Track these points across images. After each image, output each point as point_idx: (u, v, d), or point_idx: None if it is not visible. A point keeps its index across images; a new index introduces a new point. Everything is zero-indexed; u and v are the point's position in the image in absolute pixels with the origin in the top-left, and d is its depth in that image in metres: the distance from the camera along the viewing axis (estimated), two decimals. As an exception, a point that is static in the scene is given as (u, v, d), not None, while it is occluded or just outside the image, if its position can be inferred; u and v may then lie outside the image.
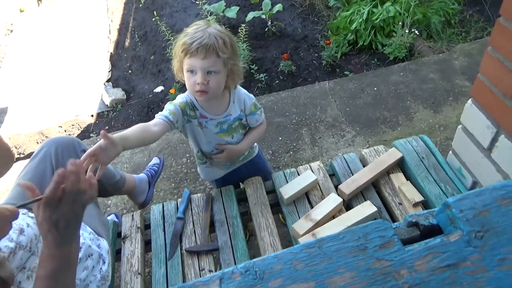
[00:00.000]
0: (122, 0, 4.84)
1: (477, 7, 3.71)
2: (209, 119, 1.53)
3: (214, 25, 1.38)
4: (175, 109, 1.45)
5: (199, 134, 1.57)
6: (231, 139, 1.60)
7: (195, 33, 1.32)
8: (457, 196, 0.45)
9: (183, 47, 1.33)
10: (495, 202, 0.44)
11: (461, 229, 0.43)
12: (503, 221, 0.42)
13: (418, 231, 0.51)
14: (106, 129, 3.14)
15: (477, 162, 1.45)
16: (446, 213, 0.45)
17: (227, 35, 1.38)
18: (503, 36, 1.18)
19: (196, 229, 1.58)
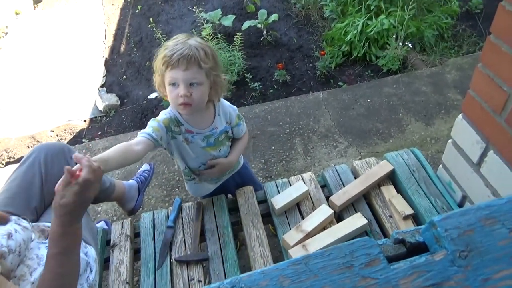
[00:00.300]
0: (119, 6, 4.85)
1: (470, 22, 3.77)
2: (195, 133, 1.50)
3: (194, 38, 1.37)
4: (159, 126, 1.42)
5: (186, 150, 1.54)
6: (218, 153, 1.59)
7: (175, 45, 1.31)
8: (442, 215, 0.46)
9: (164, 60, 1.31)
10: (479, 222, 0.44)
11: (446, 248, 0.43)
12: (486, 241, 0.43)
13: (404, 248, 0.51)
14: (99, 134, 3.12)
15: (466, 177, 1.46)
16: (432, 232, 0.46)
17: (207, 46, 1.38)
18: (493, 53, 1.20)
19: (186, 238, 1.57)
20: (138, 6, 4.68)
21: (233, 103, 1.66)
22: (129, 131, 3.08)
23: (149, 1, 4.77)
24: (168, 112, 1.49)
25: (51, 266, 1.09)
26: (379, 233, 1.54)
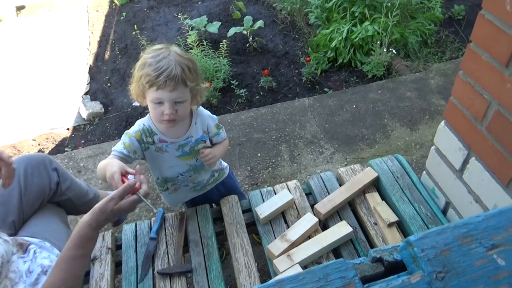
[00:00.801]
0: (104, 13, 4.80)
1: (453, 28, 3.83)
2: (169, 143, 1.48)
3: (174, 49, 1.34)
4: (130, 141, 1.42)
5: (160, 159, 1.51)
6: (195, 162, 1.57)
7: (158, 63, 1.27)
8: (419, 234, 0.44)
9: (149, 79, 1.27)
10: (457, 241, 0.43)
11: (423, 270, 0.42)
12: (463, 261, 0.41)
13: (382, 267, 0.50)
14: (82, 143, 3.07)
15: (449, 183, 1.46)
16: (409, 251, 0.45)
17: (189, 60, 1.35)
18: (474, 61, 1.21)
19: (169, 249, 1.54)
20: (123, 13, 4.65)
21: (219, 110, 1.65)
22: (113, 139, 3.03)
23: (134, 8, 4.74)
24: (142, 123, 1.47)
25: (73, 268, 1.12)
26: (364, 241, 1.53)
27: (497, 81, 1.11)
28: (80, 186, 1.90)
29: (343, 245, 1.51)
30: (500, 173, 1.20)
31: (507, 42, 1.04)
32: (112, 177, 1.23)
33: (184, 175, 1.60)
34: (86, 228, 1.16)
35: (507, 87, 1.08)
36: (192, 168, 1.59)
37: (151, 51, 1.33)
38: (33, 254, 1.42)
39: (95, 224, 1.17)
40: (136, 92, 1.37)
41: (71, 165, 2.73)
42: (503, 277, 0.40)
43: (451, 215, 1.51)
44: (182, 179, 1.61)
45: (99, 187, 2.55)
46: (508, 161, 1.15)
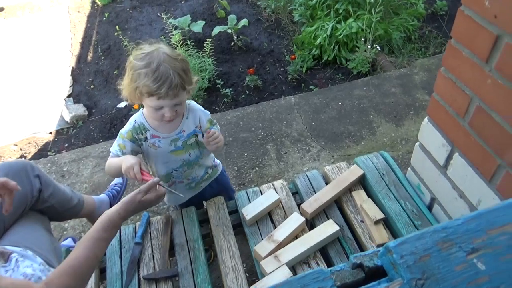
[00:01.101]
0: (85, 13, 4.72)
1: (436, 24, 3.86)
2: (161, 138, 1.49)
3: (163, 51, 1.32)
4: (124, 143, 1.48)
5: (153, 155, 1.53)
6: (188, 157, 1.57)
7: (155, 73, 1.26)
8: (398, 239, 0.43)
9: (148, 90, 1.28)
10: (436, 246, 0.42)
11: (402, 277, 0.41)
12: (443, 267, 0.40)
13: (363, 273, 0.49)
14: (65, 146, 3.01)
15: (434, 179, 1.47)
16: (388, 257, 0.43)
17: (182, 61, 1.35)
18: (455, 57, 1.21)
19: (155, 254, 1.52)
20: (106, 13, 4.57)
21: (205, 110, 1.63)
22: (98, 142, 2.98)
23: (117, 8, 4.67)
24: (134, 120, 1.49)
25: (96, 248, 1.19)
26: (351, 239, 1.53)
27: (478, 77, 1.11)
28: (63, 193, 1.86)
29: (330, 244, 1.50)
30: (483, 168, 1.20)
31: (486, 38, 1.04)
32: (131, 169, 1.34)
33: (178, 171, 1.60)
34: (115, 215, 1.25)
35: (487, 83, 1.08)
36: (186, 163, 1.58)
37: (140, 56, 1.30)
38: (15, 263, 1.38)
39: (124, 213, 1.27)
40: (131, 97, 1.37)
41: (54, 170, 2.68)
42: (483, 282, 0.39)
43: (436, 211, 1.52)
44: (176, 175, 1.61)
45: (84, 191, 2.50)
46: (490, 156, 1.15)
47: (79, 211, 1.95)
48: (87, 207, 1.99)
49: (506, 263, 0.40)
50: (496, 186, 1.17)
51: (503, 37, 1.00)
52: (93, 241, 1.20)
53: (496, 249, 0.41)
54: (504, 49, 1.01)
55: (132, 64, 1.32)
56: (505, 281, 0.39)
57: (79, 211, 1.95)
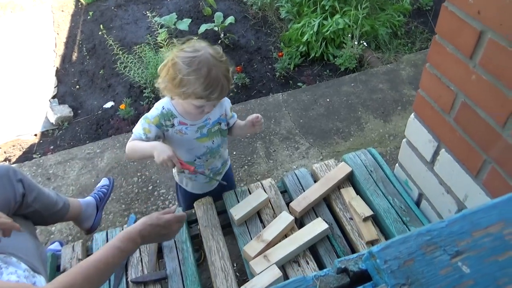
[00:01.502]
0: (69, 12, 4.64)
1: (422, 19, 3.88)
2: (188, 125, 1.49)
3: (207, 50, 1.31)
4: (149, 127, 1.45)
5: (179, 141, 1.52)
6: (211, 144, 1.58)
7: (206, 78, 1.27)
8: (382, 244, 0.42)
9: (200, 95, 1.30)
10: (420, 250, 0.41)
11: (386, 282, 0.40)
12: (427, 271, 0.40)
13: (348, 278, 0.48)
14: (51, 148, 2.96)
15: (421, 175, 1.47)
16: (372, 262, 0.43)
17: (226, 62, 1.35)
18: (439, 53, 1.21)
19: (143, 257, 1.50)
20: (90, 12, 4.50)
21: None
22: (84, 143, 2.94)
23: (101, 7, 4.60)
24: (162, 106, 1.47)
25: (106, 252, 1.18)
26: (340, 237, 1.53)
27: (462, 73, 1.11)
28: (48, 197, 1.82)
29: (319, 242, 1.50)
30: (469, 163, 1.21)
31: (470, 33, 1.04)
32: (169, 160, 1.34)
33: (202, 159, 1.59)
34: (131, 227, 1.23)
35: (472, 79, 1.08)
36: (209, 151, 1.59)
37: (188, 59, 1.28)
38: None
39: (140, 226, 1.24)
40: (174, 94, 1.38)
41: (40, 173, 2.63)
42: (468, 286, 0.39)
43: (424, 207, 1.52)
44: (199, 164, 1.60)
45: (70, 194, 2.47)
46: (476, 152, 1.16)
47: (65, 215, 1.92)
48: (73, 210, 1.96)
49: (490, 265, 0.40)
50: (482, 181, 1.17)
51: (486, 33, 1.00)
52: (106, 246, 1.19)
53: (481, 251, 0.41)
54: (487, 45, 1.01)
55: (178, 67, 1.29)
56: (490, 284, 0.39)
57: (64, 215, 1.92)
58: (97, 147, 2.80)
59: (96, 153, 2.75)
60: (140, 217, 1.65)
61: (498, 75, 1.00)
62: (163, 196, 2.43)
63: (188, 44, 1.35)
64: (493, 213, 0.43)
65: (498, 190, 1.12)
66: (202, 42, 1.36)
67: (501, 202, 0.43)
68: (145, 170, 2.59)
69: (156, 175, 2.55)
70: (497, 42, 0.97)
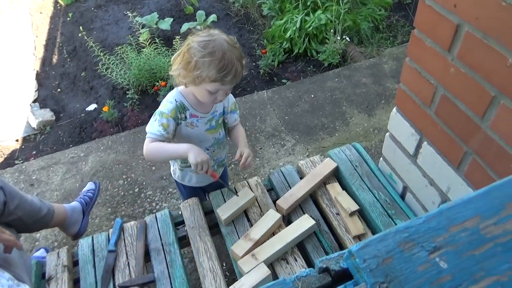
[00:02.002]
0: (48, 14, 4.55)
1: (402, 12, 3.92)
2: (199, 117, 1.51)
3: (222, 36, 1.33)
4: (168, 122, 1.43)
5: (190, 134, 1.52)
6: (219, 135, 1.61)
7: (221, 61, 1.28)
8: (361, 242, 0.42)
9: (214, 78, 1.30)
10: (398, 247, 0.41)
11: (366, 281, 0.40)
12: (406, 268, 0.40)
13: (330, 277, 0.48)
14: (33, 154, 2.90)
15: (405, 168, 1.49)
16: (352, 261, 0.42)
17: (239, 48, 1.37)
18: (419, 47, 1.22)
19: (130, 261, 1.48)
20: (69, 14, 4.42)
21: None
22: (67, 147, 2.89)
23: (81, 8, 4.52)
24: (174, 99, 1.46)
25: None
26: (328, 232, 1.54)
27: (441, 66, 1.13)
28: (31, 203, 1.79)
29: (307, 239, 1.51)
30: (451, 155, 1.22)
31: (447, 27, 1.05)
32: (205, 163, 1.38)
33: (210, 150, 1.61)
34: None
35: (450, 72, 1.10)
36: (216, 142, 1.61)
37: (203, 43, 1.29)
38: (-19, 280, 1.32)
39: None
40: (188, 79, 1.36)
41: (23, 179, 2.58)
42: (446, 281, 0.39)
43: (409, 199, 1.54)
44: None
45: (55, 200, 2.43)
46: (457, 144, 1.17)
47: (50, 221, 1.89)
48: (58, 216, 1.93)
49: (468, 259, 0.40)
50: (464, 173, 1.19)
51: (463, 26, 1.01)
52: None
53: (458, 246, 0.41)
54: (464, 38, 1.02)
55: (193, 51, 1.30)
56: (467, 278, 0.39)
57: (49, 221, 1.89)
58: (81, 150, 2.76)
59: (80, 157, 2.71)
60: (127, 220, 1.64)
61: (475, 68, 1.02)
62: (150, 198, 2.41)
63: (203, 31, 1.37)
64: (469, 208, 0.43)
65: (479, 181, 1.14)
66: (217, 30, 1.38)
67: (476, 196, 0.44)
68: (131, 173, 2.57)
69: (142, 177, 2.53)
70: (473, 35, 0.99)
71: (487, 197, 0.44)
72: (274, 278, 1.38)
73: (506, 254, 0.40)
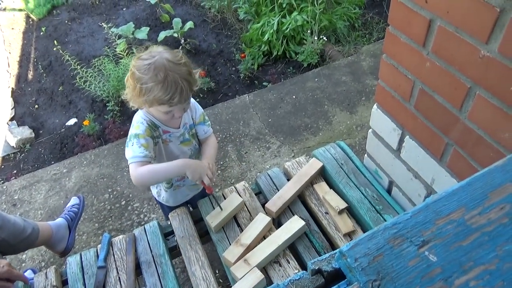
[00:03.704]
0: (20, 30, 4.47)
1: (377, 9, 3.98)
2: (171, 132, 1.50)
3: (164, 54, 1.28)
4: (146, 141, 1.39)
5: (165, 151, 1.51)
6: (195, 146, 1.61)
7: (165, 83, 1.24)
8: (351, 242, 0.43)
9: (161, 101, 1.27)
10: (388, 244, 0.42)
11: (358, 280, 0.40)
12: (397, 264, 0.40)
13: (323, 279, 0.48)
14: (14, 173, 2.83)
15: (390, 163, 1.51)
16: (343, 261, 0.43)
17: (185, 63, 1.32)
18: (394, 43, 1.24)
19: (121, 275, 1.46)
20: (43, 28, 4.35)
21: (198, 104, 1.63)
22: (49, 164, 2.83)
23: (54, 21, 4.45)
24: (143, 119, 1.43)
25: None
26: (318, 232, 1.54)
27: (417, 60, 1.15)
28: (14, 224, 1.75)
29: (298, 240, 1.51)
30: (433, 148, 1.25)
31: (420, 22, 1.08)
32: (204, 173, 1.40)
33: None
34: None
35: (426, 66, 1.12)
36: (194, 152, 1.61)
37: (144, 67, 1.25)
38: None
39: None
40: (140, 105, 1.36)
41: (4, 200, 2.52)
42: (436, 274, 0.39)
43: (395, 194, 1.56)
44: None
45: (39, 219, 2.37)
46: (437, 136, 1.19)
47: (35, 240, 1.85)
48: (43, 234, 1.88)
49: (456, 251, 0.41)
50: (447, 164, 1.21)
51: (435, 20, 1.04)
52: None
53: (445, 238, 0.42)
54: (437, 32, 1.04)
55: (136, 77, 1.27)
56: (457, 269, 0.40)
57: (34, 240, 1.84)
58: (63, 166, 2.71)
59: (62, 173, 2.66)
60: (115, 234, 1.62)
61: (450, 61, 1.04)
62: (138, 210, 2.38)
63: (145, 51, 1.33)
64: (454, 200, 0.44)
65: (462, 171, 1.17)
66: (160, 47, 1.34)
67: (459, 188, 0.44)
68: (116, 186, 2.53)
69: (128, 189, 2.50)
70: (445, 29, 1.01)
71: (470, 188, 0.45)
72: (267, 282, 1.38)
73: (492, 243, 0.41)
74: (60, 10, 4.67)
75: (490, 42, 0.91)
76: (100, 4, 4.67)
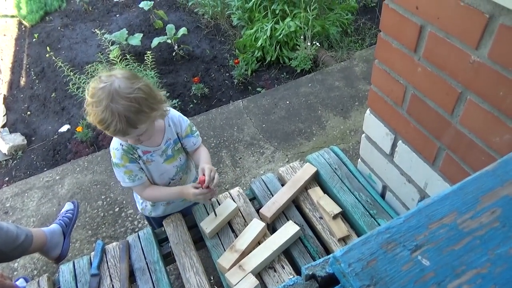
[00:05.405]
0: (12, 36, 4.45)
1: (369, 15, 4.02)
2: (152, 152, 1.46)
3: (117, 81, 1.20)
4: (127, 168, 1.42)
5: (149, 170, 1.50)
6: (179, 162, 1.56)
7: (102, 114, 1.18)
8: (345, 247, 0.43)
9: (97, 126, 1.23)
10: (381, 249, 0.42)
11: (352, 285, 0.40)
12: (390, 269, 0.40)
13: (317, 284, 0.48)
14: (6, 181, 2.81)
15: (383, 168, 1.51)
16: (337, 267, 0.43)
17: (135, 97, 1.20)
18: (386, 49, 1.25)
19: (114, 283, 1.44)
20: (35, 34, 4.34)
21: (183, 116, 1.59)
22: (42, 171, 2.81)
23: (47, 28, 4.44)
24: (119, 144, 1.42)
25: None
26: (313, 237, 1.54)
27: (409, 66, 1.16)
28: (7, 231, 1.73)
29: (293, 245, 1.51)
30: (425, 152, 1.25)
31: (412, 28, 1.09)
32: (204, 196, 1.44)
33: (175, 179, 1.58)
34: None
35: (418, 71, 1.13)
36: (180, 169, 1.58)
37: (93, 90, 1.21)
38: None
39: None
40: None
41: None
42: (429, 278, 0.40)
43: (389, 198, 1.57)
44: (174, 184, 1.58)
45: (32, 226, 2.35)
46: (430, 140, 1.20)
47: (29, 247, 1.83)
48: (37, 241, 1.86)
49: (448, 255, 0.41)
50: (439, 168, 1.22)
51: (426, 26, 1.05)
52: None
53: (438, 242, 0.42)
54: (428, 38, 1.05)
55: (86, 96, 1.24)
56: (449, 273, 0.40)
57: (28, 247, 1.82)
58: (56, 173, 2.69)
59: (55, 180, 2.64)
60: (108, 241, 1.60)
61: (441, 66, 1.05)
62: (131, 216, 2.36)
63: (109, 72, 1.26)
64: (446, 204, 0.44)
65: (455, 175, 1.17)
66: (124, 73, 1.26)
67: (451, 192, 0.45)
68: (110, 192, 2.51)
69: (122, 195, 2.48)
70: (436, 35, 1.02)
71: (462, 192, 0.46)
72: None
73: (484, 246, 0.41)
74: (53, 16, 4.66)
75: (480, 47, 0.92)
76: (93, 11, 4.67)
